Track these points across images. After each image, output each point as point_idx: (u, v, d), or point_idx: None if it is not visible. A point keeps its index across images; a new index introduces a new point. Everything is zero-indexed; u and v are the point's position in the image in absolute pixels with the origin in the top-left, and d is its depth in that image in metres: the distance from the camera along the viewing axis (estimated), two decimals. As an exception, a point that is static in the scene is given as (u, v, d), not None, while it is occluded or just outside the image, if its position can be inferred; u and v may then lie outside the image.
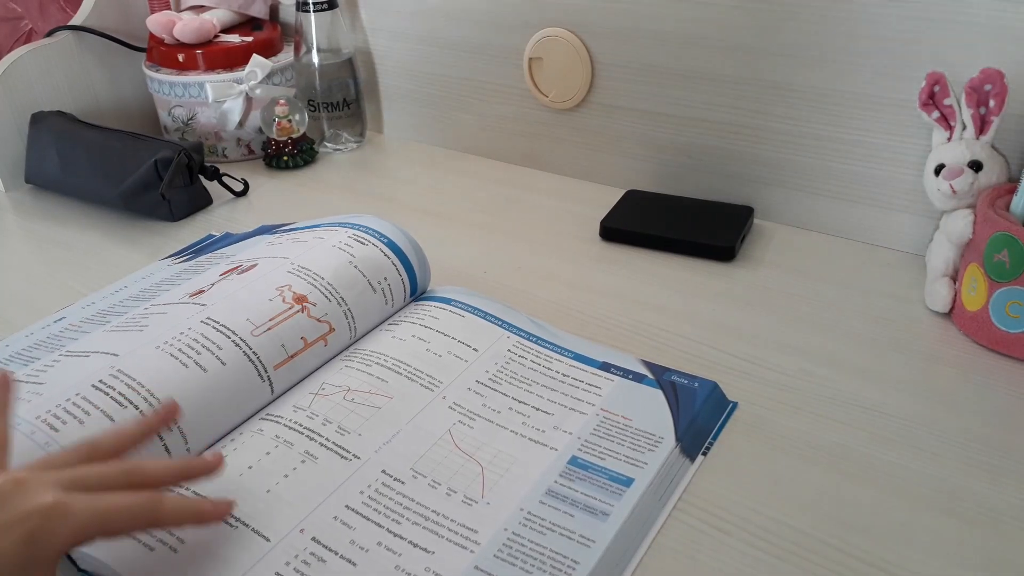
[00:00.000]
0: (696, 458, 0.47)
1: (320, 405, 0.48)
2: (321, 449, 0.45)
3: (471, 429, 0.48)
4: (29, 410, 0.42)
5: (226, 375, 0.47)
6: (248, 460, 0.44)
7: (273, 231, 0.66)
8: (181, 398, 0.44)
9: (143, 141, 0.78)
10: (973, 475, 0.46)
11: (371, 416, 0.48)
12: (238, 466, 0.44)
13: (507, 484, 0.45)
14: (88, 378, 0.44)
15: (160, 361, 0.46)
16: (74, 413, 0.42)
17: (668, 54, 0.73)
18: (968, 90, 0.58)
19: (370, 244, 0.58)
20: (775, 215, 0.74)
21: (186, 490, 0.42)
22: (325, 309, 0.53)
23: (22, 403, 0.43)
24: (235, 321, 0.49)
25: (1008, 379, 0.53)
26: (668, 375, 0.53)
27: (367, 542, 0.41)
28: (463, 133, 0.91)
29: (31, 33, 1.26)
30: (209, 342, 0.48)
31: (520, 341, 0.56)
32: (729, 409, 0.51)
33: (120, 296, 0.61)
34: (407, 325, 0.56)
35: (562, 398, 0.51)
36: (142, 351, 0.47)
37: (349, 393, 0.50)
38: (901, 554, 0.41)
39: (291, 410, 0.48)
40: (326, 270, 0.55)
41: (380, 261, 0.57)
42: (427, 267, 0.60)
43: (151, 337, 0.48)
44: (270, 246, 0.60)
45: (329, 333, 0.52)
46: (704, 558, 0.41)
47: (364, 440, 0.47)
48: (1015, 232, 0.53)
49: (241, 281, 0.54)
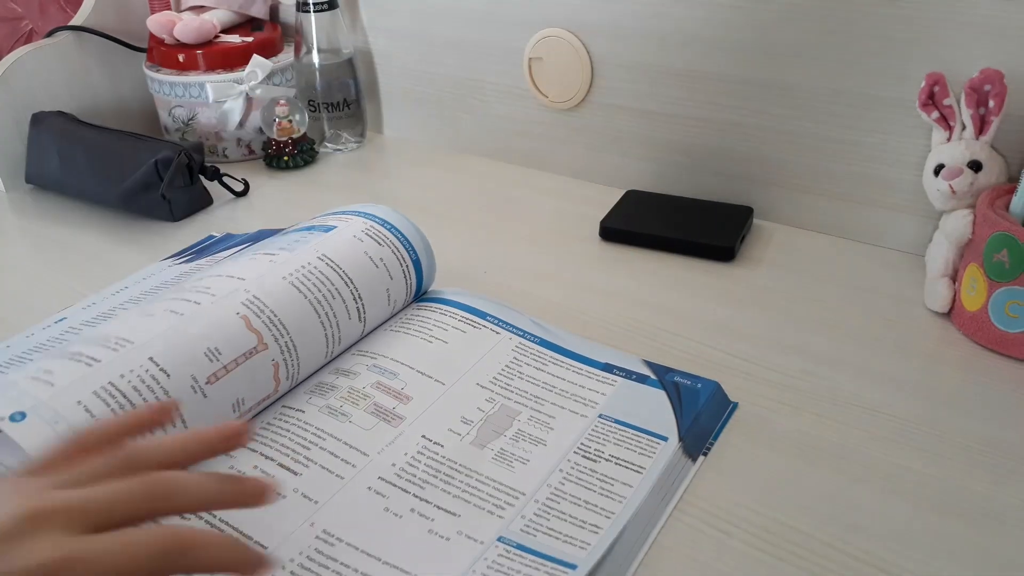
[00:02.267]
0: (697, 458, 0.47)
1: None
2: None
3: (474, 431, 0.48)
4: (52, 396, 0.41)
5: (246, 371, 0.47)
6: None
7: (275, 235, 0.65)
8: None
9: (143, 141, 0.78)
10: (973, 475, 0.46)
11: (373, 427, 0.48)
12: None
13: (511, 481, 0.45)
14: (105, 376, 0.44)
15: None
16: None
17: (668, 54, 0.73)
18: (968, 90, 0.58)
19: (390, 244, 0.57)
20: (775, 215, 0.74)
21: None
22: (343, 298, 0.52)
23: (42, 385, 0.42)
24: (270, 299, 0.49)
25: (1008, 379, 0.53)
26: (671, 375, 0.53)
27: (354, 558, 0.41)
28: (463, 133, 0.91)
29: (31, 33, 1.26)
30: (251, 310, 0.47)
31: (522, 342, 0.56)
32: (730, 409, 0.51)
33: (121, 297, 0.61)
34: (409, 326, 0.56)
35: (564, 400, 0.51)
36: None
37: (353, 394, 0.50)
38: (901, 554, 0.41)
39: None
40: (351, 266, 0.54)
41: (396, 265, 0.56)
42: (433, 268, 0.60)
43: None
44: (281, 237, 0.59)
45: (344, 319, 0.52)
46: (704, 558, 0.41)
47: (367, 442, 0.47)
48: (1014, 232, 0.53)
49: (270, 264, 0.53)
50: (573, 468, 0.46)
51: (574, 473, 0.45)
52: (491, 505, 0.43)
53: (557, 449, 0.47)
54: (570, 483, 0.45)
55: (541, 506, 0.43)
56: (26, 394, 0.40)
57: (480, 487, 0.44)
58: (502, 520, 0.42)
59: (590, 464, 0.46)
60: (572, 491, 0.44)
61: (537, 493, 0.44)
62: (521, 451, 0.47)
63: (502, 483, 0.45)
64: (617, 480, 0.45)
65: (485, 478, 0.45)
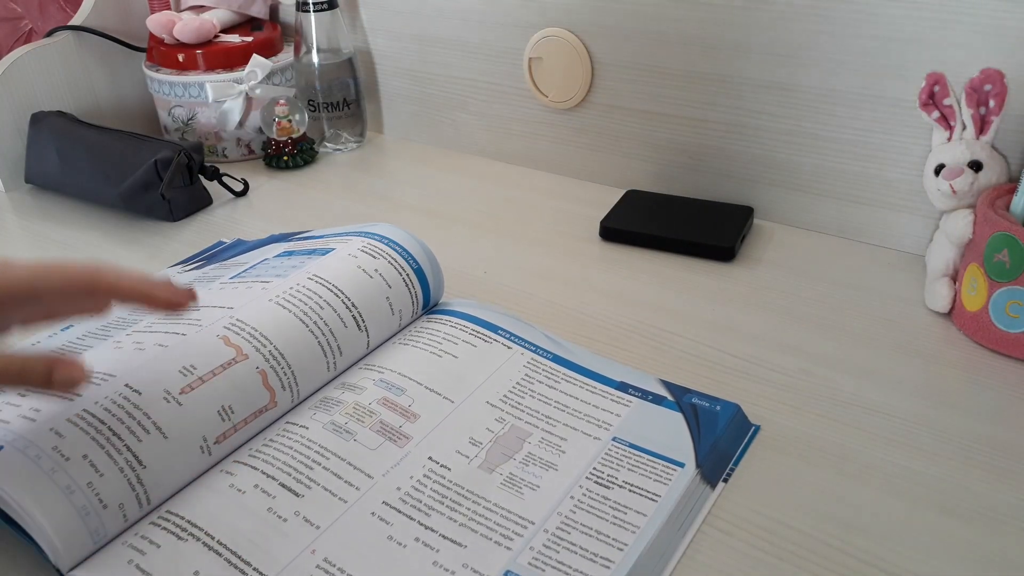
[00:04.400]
0: (717, 485, 0.45)
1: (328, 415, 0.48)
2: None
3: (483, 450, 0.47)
4: (30, 429, 0.41)
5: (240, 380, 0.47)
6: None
7: (288, 239, 0.65)
8: None
9: (143, 141, 0.78)
10: (973, 475, 0.46)
11: (378, 446, 0.47)
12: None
13: (519, 509, 0.43)
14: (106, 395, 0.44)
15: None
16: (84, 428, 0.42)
17: (668, 54, 0.73)
18: (968, 90, 0.58)
19: (385, 255, 0.56)
20: (775, 215, 0.74)
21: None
22: (344, 319, 0.52)
23: (26, 421, 0.42)
24: (261, 325, 0.49)
25: (1008, 379, 0.53)
26: (688, 397, 0.51)
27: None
28: (463, 133, 0.91)
29: (31, 33, 1.26)
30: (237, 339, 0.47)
31: (534, 358, 0.54)
32: (751, 433, 0.49)
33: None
34: (418, 339, 0.55)
35: (577, 420, 0.49)
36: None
37: (358, 410, 0.49)
38: (901, 554, 0.41)
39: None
40: (342, 280, 0.53)
41: (394, 274, 0.56)
42: (441, 281, 0.59)
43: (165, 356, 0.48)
44: (283, 258, 0.59)
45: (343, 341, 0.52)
46: (704, 558, 0.41)
47: (372, 462, 0.46)
48: (1015, 232, 0.53)
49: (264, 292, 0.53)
50: (585, 495, 0.44)
51: (586, 500, 0.44)
52: (499, 535, 0.42)
53: (569, 474, 0.45)
54: (581, 511, 0.43)
55: (551, 536, 0.42)
56: (10, 431, 0.41)
57: (488, 515, 0.43)
58: (510, 552, 0.41)
59: (603, 491, 0.44)
60: (583, 520, 0.42)
61: (547, 522, 0.42)
62: (531, 476, 0.45)
63: (511, 511, 0.43)
64: (631, 508, 0.43)
65: (493, 505, 0.43)
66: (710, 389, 0.52)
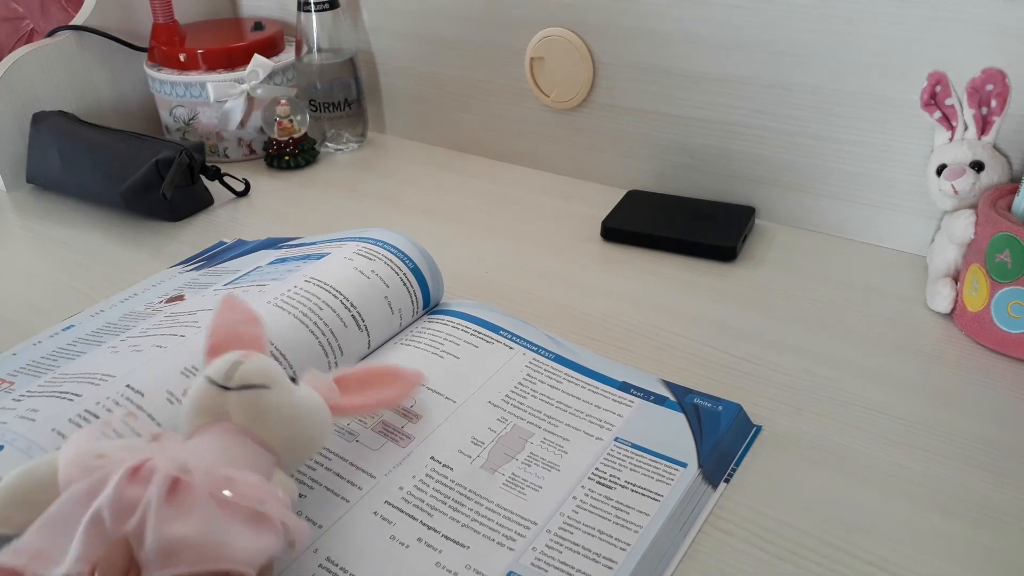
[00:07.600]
0: (719, 485, 0.45)
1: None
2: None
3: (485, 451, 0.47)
4: (30, 429, 0.41)
5: None
6: None
7: (279, 245, 0.65)
8: None
9: (144, 141, 0.78)
10: (974, 475, 0.46)
11: (380, 447, 0.47)
12: None
13: (522, 510, 0.43)
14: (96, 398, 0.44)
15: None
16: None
17: (670, 54, 0.73)
18: (970, 90, 0.58)
19: (381, 257, 0.56)
20: (776, 215, 0.74)
21: None
22: (343, 320, 0.52)
23: (24, 421, 0.42)
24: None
25: (1009, 379, 0.53)
26: (690, 397, 0.51)
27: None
28: (464, 133, 0.91)
29: (32, 33, 1.26)
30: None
31: (536, 358, 0.54)
32: (753, 433, 0.49)
33: (129, 305, 0.60)
34: (419, 340, 0.55)
35: (579, 421, 0.49)
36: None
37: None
38: (902, 554, 0.41)
39: None
40: (339, 281, 0.53)
41: (391, 274, 0.56)
42: (440, 281, 0.59)
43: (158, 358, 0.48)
44: (276, 264, 0.59)
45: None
46: (706, 558, 0.41)
47: (374, 462, 0.45)
48: (1017, 232, 0.53)
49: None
50: (587, 495, 0.44)
51: (588, 501, 0.43)
52: (501, 536, 0.41)
53: (571, 475, 0.45)
54: (584, 511, 0.43)
55: (553, 537, 0.41)
56: (9, 430, 0.41)
57: (490, 515, 0.42)
58: (512, 553, 0.41)
59: (605, 491, 0.44)
60: (586, 520, 0.42)
61: (549, 523, 0.42)
62: (533, 476, 0.45)
63: (513, 511, 0.43)
64: (633, 508, 0.43)
65: (496, 506, 0.43)
66: (712, 389, 0.52)
